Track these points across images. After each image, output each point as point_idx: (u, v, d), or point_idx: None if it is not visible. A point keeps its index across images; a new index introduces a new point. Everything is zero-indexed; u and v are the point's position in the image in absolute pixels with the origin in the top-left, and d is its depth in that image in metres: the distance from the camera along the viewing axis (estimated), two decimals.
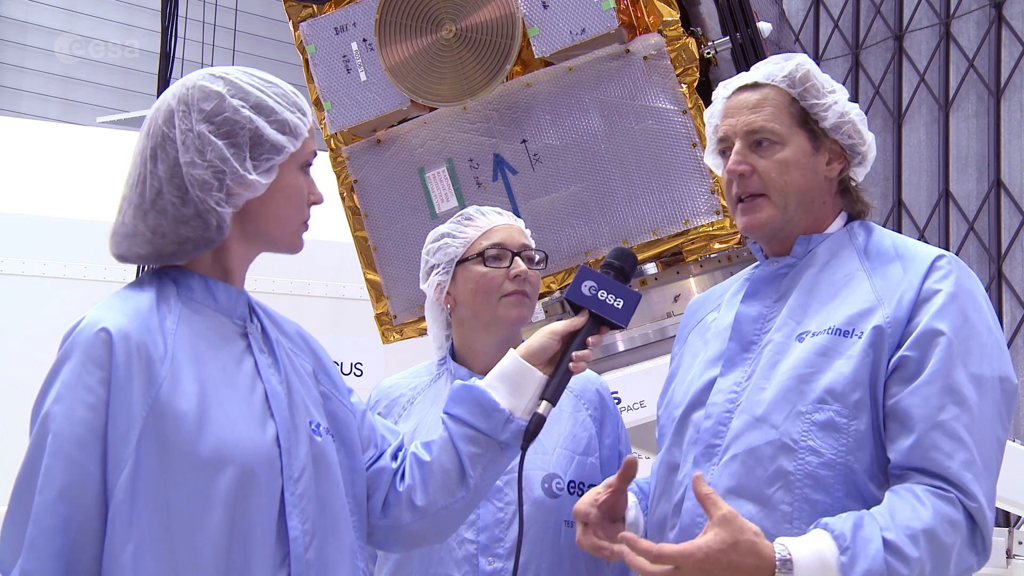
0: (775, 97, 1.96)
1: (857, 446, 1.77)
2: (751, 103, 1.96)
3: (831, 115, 1.95)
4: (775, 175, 1.92)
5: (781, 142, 1.93)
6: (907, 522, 1.67)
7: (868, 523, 1.68)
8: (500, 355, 1.99)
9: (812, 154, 1.95)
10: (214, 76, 1.68)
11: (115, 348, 1.52)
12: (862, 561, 1.64)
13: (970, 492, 1.69)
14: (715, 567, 1.65)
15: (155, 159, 1.64)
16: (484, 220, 2.42)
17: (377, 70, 3.48)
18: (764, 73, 1.98)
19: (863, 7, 12.43)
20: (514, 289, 2.34)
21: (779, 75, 1.96)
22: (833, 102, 1.96)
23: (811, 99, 1.95)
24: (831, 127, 1.95)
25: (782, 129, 1.93)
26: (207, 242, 1.63)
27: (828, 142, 1.96)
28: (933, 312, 1.78)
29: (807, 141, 1.94)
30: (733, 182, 1.96)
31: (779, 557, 1.65)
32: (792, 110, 1.95)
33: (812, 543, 1.67)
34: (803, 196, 1.94)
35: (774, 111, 1.94)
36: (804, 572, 1.65)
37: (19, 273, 4.75)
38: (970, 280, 1.86)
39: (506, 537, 2.21)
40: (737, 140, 1.95)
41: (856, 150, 1.98)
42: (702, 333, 2.07)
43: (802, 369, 1.82)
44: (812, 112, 1.95)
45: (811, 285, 1.92)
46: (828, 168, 1.97)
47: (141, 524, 1.50)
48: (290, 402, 1.70)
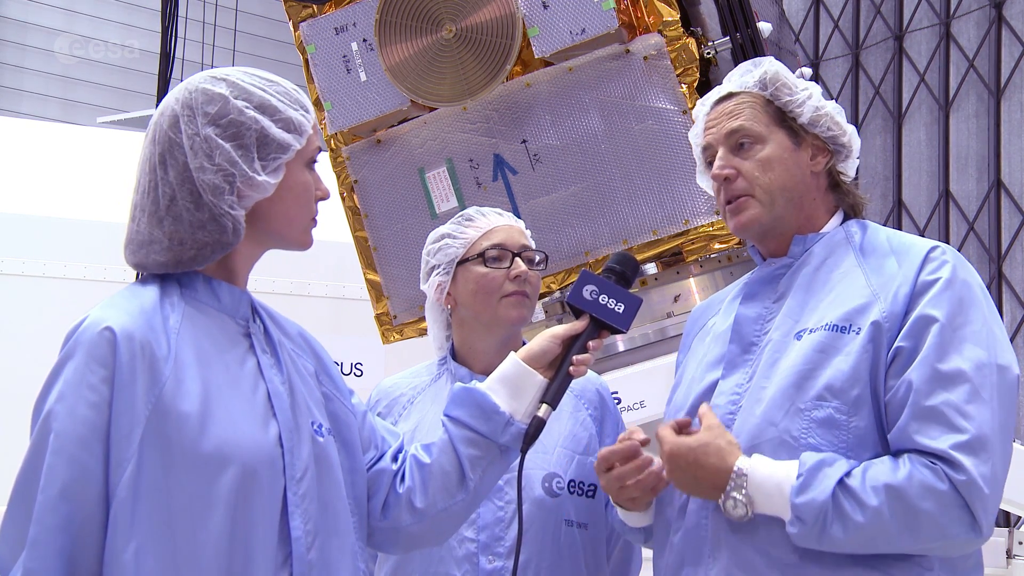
0: (750, 101, 2.00)
1: (857, 442, 1.77)
2: (728, 111, 2.00)
3: (806, 110, 1.98)
4: (758, 173, 1.95)
5: (761, 141, 1.96)
6: (875, 475, 1.71)
7: (837, 464, 1.73)
8: (501, 355, 2.01)
9: (794, 150, 1.97)
10: (216, 78, 1.68)
11: (119, 347, 1.52)
12: (811, 491, 1.71)
13: (959, 465, 1.68)
14: (685, 458, 1.81)
15: (164, 165, 1.64)
16: (484, 221, 2.42)
17: (377, 70, 3.48)
18: (736, 83, 2.04)
19: (863, 7, 12.42)
20: (514, 290, 2.35)
21: (750, 81, 2.01)
22: (807, 96, 2.00)
23: (784, 97, 1.99)
24: (809, 122, 1.98)
25: (760, 128, 1.97)
26: (224, 245, 1.64)
27: (809, 137, 1.99)
28: (927, 300, 1.79)
29: (787, 138, 1.97)
30: (720, 187, 1.98)
31: (737, 467, 1.77)
32: (768, 110, 1.99)
33: (777, 466, 1.76)
34: (790, 192, 1.95)
35: (751, 113, 1.98)
36: (757, 487, 1.75)
37: (19, 273, 4.75)
38: (966, 270, 1.85)
39: (506, 536, 2.22)
40: (720, 147, 1.99)
41: (837, 141, 2.01)
42: (704, 339, 2.08)
43: (801, 366, 1.82)
44: (787, 110, 1.99)
45: (808, 283, 1.93)
46: (813, 163, 1.98)
47: (143, 523, 1.50)
48: (292, 402, 1.70)
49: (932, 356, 1.74)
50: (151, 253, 1.64)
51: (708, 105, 2.06)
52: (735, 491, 1.76)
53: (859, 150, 2.05)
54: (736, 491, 1.76)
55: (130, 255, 1.67)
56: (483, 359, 2.37)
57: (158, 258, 1.64)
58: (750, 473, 1.76)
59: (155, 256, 1.64)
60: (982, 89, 11.24)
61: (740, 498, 1.76)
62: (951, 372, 1.73)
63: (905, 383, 1.74)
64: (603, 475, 1.96)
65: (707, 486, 1.80)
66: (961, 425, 1.70)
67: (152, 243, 1.64)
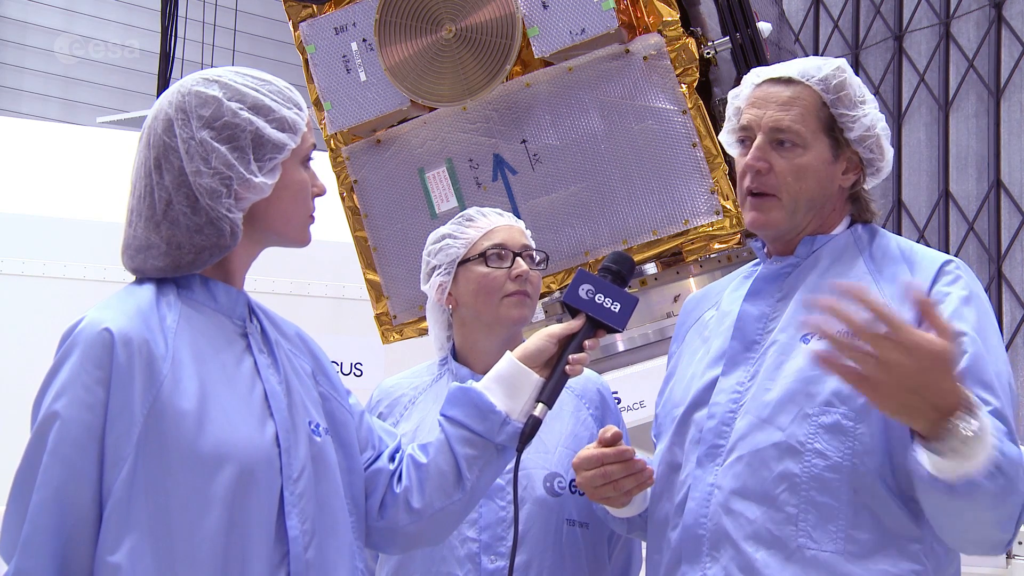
0: (806, 97, 1.93)
1: (864, 449, 1.76)
2: (781, 99, 1.93)
3: (858, 127, 1.93)
4: (791, 179, 1.91)
5: (803, 145, 1.91)
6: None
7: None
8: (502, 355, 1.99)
9: (831, 162, 1.93)
10: (208, 80, 1.68)
11: (116, 349, 1.52)
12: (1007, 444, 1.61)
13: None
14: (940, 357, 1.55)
15: (160, 170, 1.64)
16: (485, 221, 2.42)
17: (377, 70, 3.48)
18: (800, 70, 1.95)
19: (863, 7, 12.42)
20: (516, 289, 2.35)
21: (816, 76, 1.93)
22: (863, 115, 1.94)
23: (842, 108, 1.93)
24: (855, 139, 1.94)
25: (807, 133, 1.91)
26: (223, 248, 1.64)
27: (848, 152, 1.94)
28: (949, 314, 1.77)
29: (828, 149, 1.92)
30: (748, 175, 1.94)
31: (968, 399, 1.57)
32: (820, 115, 1.92)
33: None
34: (814, 202, 1.93)
35: (802, 112, 1.91)
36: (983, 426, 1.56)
37: (19, 273, 4.75)
38: (977, 285, 1.86)
39: (508, 536, 2.22)
40: (760, 134, 1.93)
41: (874, 164, 1.98)
42: (700, 331, 2.07)
43: (808, 371, 1.81)
44: (840, 121, 1.93)
45: (815, 287, 1.91)
46: (843, 178, 1.96)
47: (140, 522, 1.50)
48: (289, 402, 1.70)
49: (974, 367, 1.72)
50: (149, 258, 1.64)
51: (762, 78, 1.97)
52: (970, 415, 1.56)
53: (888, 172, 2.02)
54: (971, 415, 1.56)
55: (128, 260, 1.67)
56: (484, 359, 2.37)
57: (156, 263, 1.64)
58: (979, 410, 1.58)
59: (153, 261, 1.64)
60: (982, 89, 11.25)
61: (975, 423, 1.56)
62: (991, 381, 1.73)
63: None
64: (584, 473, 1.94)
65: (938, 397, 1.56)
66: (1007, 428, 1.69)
67: (150, 248, 1.64)
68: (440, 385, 2.41)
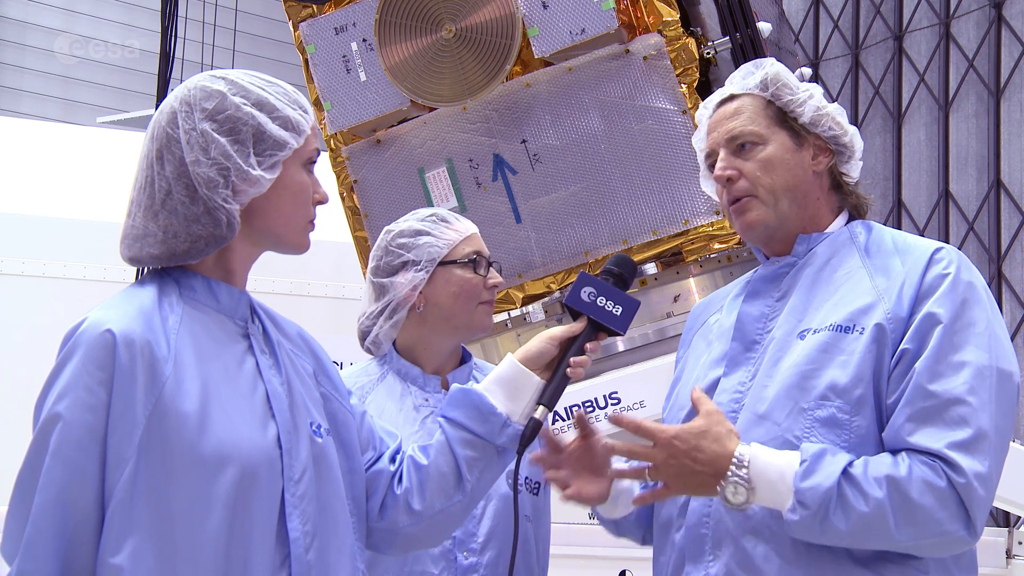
0: (749, 103, 2.01)
1: (860, 442, 1.77)
2: (729, 113, 2.01)
3: (807, 109, 1.99)
4: (760, 174, 1.95)
5: (762, 142, 1.97)
6: (877, 468, 1.71)
7: (839, 455, 1.73)
8: (452, 359, 2.28)
9: (795, 150, 1.97)
10: (215, 76, 1.70)
11: (118, 350, 1.52)
12: (816, 476, 1.70)
13: (956, 466, 1.69)
14: (681, 447, 1.76)
15: (161, 160, 1.64)
16: (461, 225, 2.45)
17: (377, 70, 3.48)
18: (738, 85, 2.04)
19: (863, 7, 12.42)
20: (489, 298, 2.41)
21: (752, 83, 2.02)
22: (808, 96, 2.00)
23: (785, 97, 2.00)
24: (810, 122, 1.99)
25: (761, 130, 1.97)
26: (219, 239, 1.64)
27: (811, 137, 1.99)
28: (932, 301, 1.80)
29: (788, 138, 1.98)
30: (723, 188, 1.99)
31: (738, 452, 1.74)
32: (769, 111, 1.99)
33: (777, 454, 1.75)
34: (793, 192, 1.96)
35: (751, 115, 1.99)
36: (759, 473, 1.73)
37: (19, 273, 4.75)
38: (970, 272, 1.86)
39: (478, 531, 2.27)
40: (721, 149, 1.99)
41: (839, 141, 2.01)
42: (705, 335, 2.09)
43: (804, 366, 1.83)
44: (788, 110, 1.99)
45: (812, 283, 1.93)
46: (815, 163, 1.99)
47: (142, 523, 1.50)
48: (291, 403, 1.70)
49: (934, 356, 1.75)
50: (145, 246, 1.64)
51: (711, 108, 2.06)
52: (736, 477, 1.73)
53: (862, 151, 2.05)
54: (737, 477, 1.73)
55: (125, 249, 1.67)
56: (437, 360, 2.41)
57: (152, 251, 1.64)
58: (751, 459, 1.74)
59: (149, 249, 1.64)
60: (982, 89, 11.24)
61: (741, 483, 1.73)
62: (951, 373, 1.74)
63: (907, 383, 1.75)
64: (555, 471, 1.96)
65: (706, 474, 1.75)
66: (958, 425, 1.71)
67: (146, 236, 1.64)
68: (389, 382, 2.41)
